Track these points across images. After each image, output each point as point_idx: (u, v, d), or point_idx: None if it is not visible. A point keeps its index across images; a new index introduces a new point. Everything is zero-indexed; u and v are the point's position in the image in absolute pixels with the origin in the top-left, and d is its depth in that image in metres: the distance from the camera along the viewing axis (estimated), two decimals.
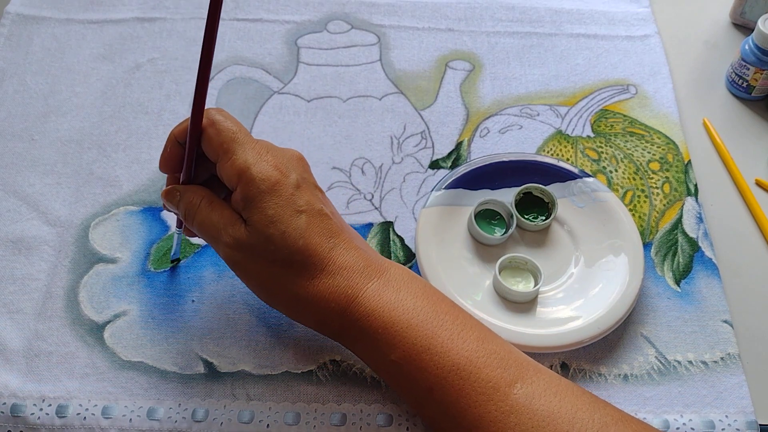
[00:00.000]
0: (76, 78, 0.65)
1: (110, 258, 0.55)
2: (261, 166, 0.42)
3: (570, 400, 0.40)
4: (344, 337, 0.43)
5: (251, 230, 0.42)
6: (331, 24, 0.70)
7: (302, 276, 0.42)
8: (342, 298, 0.42)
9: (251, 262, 0.42)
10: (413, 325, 0.41)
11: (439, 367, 0.40)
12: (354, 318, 0.42)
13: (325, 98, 0.65)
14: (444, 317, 0.42)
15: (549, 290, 0.53)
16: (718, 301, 0.53)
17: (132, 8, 0.70)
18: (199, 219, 0.44)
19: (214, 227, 0.43)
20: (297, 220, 0.41)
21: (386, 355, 0.41)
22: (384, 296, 0.42)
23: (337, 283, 0.42)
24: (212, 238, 0.44)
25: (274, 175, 0.42)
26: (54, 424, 0.47)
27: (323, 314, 0.42)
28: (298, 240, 0.41)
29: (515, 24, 0.71)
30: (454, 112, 0.64)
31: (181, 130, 0.45)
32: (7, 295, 0.53)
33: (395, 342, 0.41)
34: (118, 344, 0.51)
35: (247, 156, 0.42)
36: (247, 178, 0.41)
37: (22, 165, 0.59)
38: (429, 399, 0.40)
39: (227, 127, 0.43)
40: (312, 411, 0.48)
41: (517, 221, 0.55)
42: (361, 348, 0.43)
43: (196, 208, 0.44)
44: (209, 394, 0.49)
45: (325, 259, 0.42)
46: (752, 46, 0.63)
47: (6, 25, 0.68)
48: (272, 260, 0.42)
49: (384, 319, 0.41)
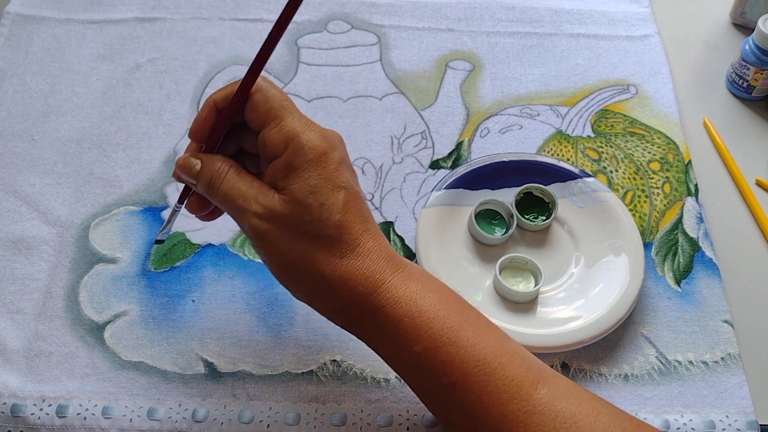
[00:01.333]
0: (76, 78, 0.65)
1: (110, 258, 0.55)
2: (309, 135, 0.40)
3: (591, 405, 0.39)
4: (361, 325, 0.41)
5: (288, 199, 0.40)
6: (331, 24, 0.70)
7: (331, 253, 0.40)
8: (369, 282, 0.40)
9: (280, 233, 0.40)
10: (440, 316, 0.40)
11: (464, 361, 0.39)
12: (378, 304, 0.40)
13: (325, 98, 0.65)
14: (468, 313, 0.41)
15: (549, 290, 0.53)
16: (719, 301, 0.53)
17: (132, 8, 0.70)
18: (226, 188, 0.41)
19: (243, 196, 0.41)
20: (336, 195, 0.40)
21: (409, 346, 0.39)
22: (410, 286, 0.40)
23: (366, 265, 0.40)
24: (238, 208, 0.41)
25: (322, 146, 0.40)
26: (54, 424, 0.47)
27: (345, 297, 0.40)
28: (335, 215, 0.40)
29: (515, 24, 0.71)
30: (455, 112, 0.64)
31: (223, 96, 0.42)
32: (7, 295, 0.53)
33: (420, 333, 0.39)
34: (118, 344, 0.51)
35: (295, 123, 0.41)
36: (296, 145, 0.40)
37: (22, 165, 0.59)
38: (450, 395, 0.39)
39: (275, 94, 0.42)
40: (312, 411, 0.48)
41: (517, 221, 0.55)
42: (379, 338, 0.41)
43: (223, 176, 0.42)
44: (209, 394, 0.49)
45: (356, 240, 0.40)
46: (752, 46, 0.63)
47: (6, 25, 0.68)
48: (303, 232, 0.40)
49: (410, 308, 0.40)
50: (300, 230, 0.40)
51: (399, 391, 0.49)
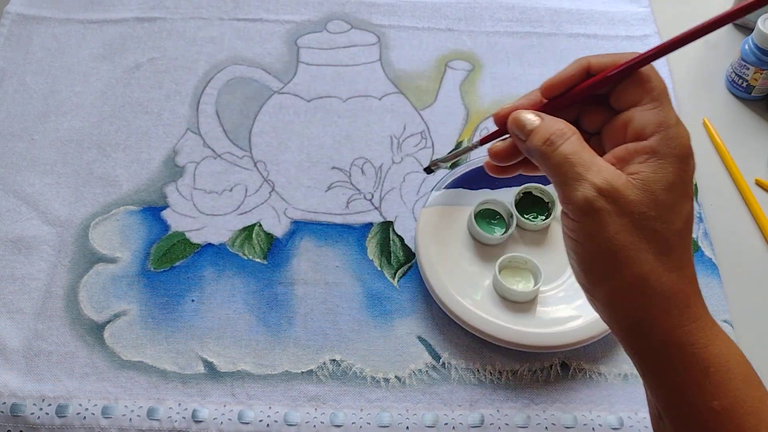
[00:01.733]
0: (76, 78, 0.65)
1: (110, 258, 0.55)
2: (683, 131, 0.37)
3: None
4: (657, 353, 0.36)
5: (638, 185, 0.35)
6: (331, 24, 0.70)
7: (661, 261, 0.35)
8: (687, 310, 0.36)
9: (615, 216, 0.35)
10: (748, 379, 0.35)
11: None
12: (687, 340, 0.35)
13: (325, 98, 0.65)
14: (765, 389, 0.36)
15: (549, 290, 0.53)
16: (718, 301, 0.53)
17: (132, 8, 0.70)
18: (567, 149, 0.37)
19: (584, 164, 0.36)
20: (686, 204, 0.36)
21: (707, 399, 0.35)
22: (721, 335, 0.36)
23: (688, 291, 0.36)
24: (575, 174, 0.36)
25: (690, 148, 0.37)
26: (54, 423, 0.47)
27: (655, 315, 0.36)
28: (680, 222, 0.36)
29: (515, 24, 0.71)
30: (454, 112, 0.64)
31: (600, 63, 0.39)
32: (7, 295, 0.53)
33: (725, 389, 0.34)
34: (118, 344, 0.51)
35: (671, 114, 0.37)
36: (670, 135, 0.36)
37: (22, 165, 0.59)
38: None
39: (660, 78, 0.39)
40: (312, 411, 0.48)
41: (516, 221, 0.55)
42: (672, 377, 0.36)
43: (566, 138, 0.37)
44: (209, 393, 0.49)
45: (687, 259, 0.36)
46: (752, 46, 0.63)
47: (6, 25, 0.68)
48: (642, 226, 0.35)
49: (720, 358, 0.35)
50: (640, 222, 0.35)
51: (399, 391, 0.49)
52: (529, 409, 0.49)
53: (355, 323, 0.52)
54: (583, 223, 0.36)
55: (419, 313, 0.53)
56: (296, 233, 0.56)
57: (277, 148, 0.61)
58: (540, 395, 0.49)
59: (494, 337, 0.49)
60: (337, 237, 0.56)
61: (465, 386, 0.50)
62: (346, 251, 0.55)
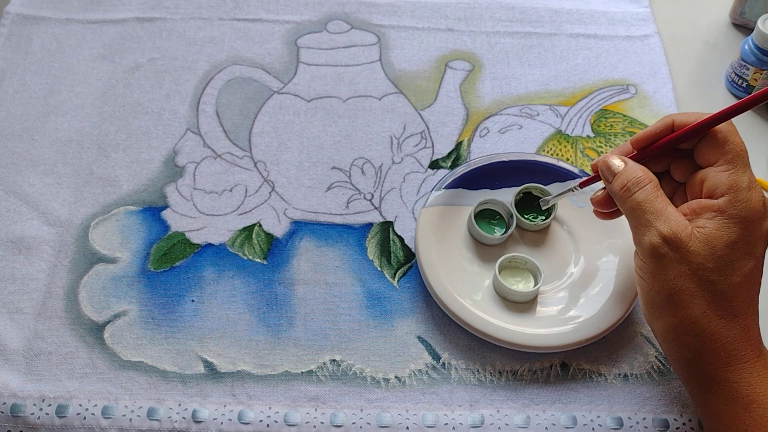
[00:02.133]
0: (76, 78, 0.65)
1: (110, 258, 0.55)
2: (755, 194, 0.40)
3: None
4: (704, 388, 0.41)
5: (702, 238, 0.40)
6: (331, 24, 0.70)
7: (713, 308, 0.40)
8: (732, 352, 0.40)
9: (676, 264, 0.40)
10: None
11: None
12: (730, 378, 0.40)
13: (325, 98, 0.65)
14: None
15: (549, 290, 0.53)
16: None
17: (132, 8, 0.70)
18: (641, 197, 0.41)
19: (656, 212, 0.41)
20: (748, 261, 0.40)
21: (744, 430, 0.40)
22: (755, 375, 0.40)
23: (737, 336, 0.40)
24: (645, 221, 0.41)
25: (760, 210, 0.40)
26: (54, 424, 0.47)
27: (702, 355, 0.41)
28: (737, 277, 0.40)
29: (515, 24, 0.71)
30: (454, 112, 0.64)
31: (683, 120, 0.43)
32: (7, 295, 0.53)
33: (762, 424, 0.39)
34: (118, 344, 0.51)
35: (745, 178, 0.41)
36: (740, 198, 0.40)
37: (22, 165, 0.59)
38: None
39: (738, 142, 0.42)
40: (312, 411, 0.48)
41: (517, 221, 0.55)
42: (717, 410, 0.41)
43: (642, 185, 0.42)
44: (209, 394, 0.49)
45: (741, 309, 0.40)
46: (752, 46, 0.63)
47: (6, 25, 0.68)
48: (699, 276, 0.40)
49: (757, 393, 0.39)
50: (697, 272, 0.40)
51: (399, 391, 0.49)
52: (529, 409, 0.49)
53: (355, 323, 0.52)
54: (648, 264, 0.41)
55: (419, 313, 0.53)
56: (296, 233, 0.56)
57: (277, 148, 0.61)
58: (540, 395, 0.49)
59: (494, 338, 0.49)
60: (337, 237, 0.56)
61: (465, 386, 0.50)
62: (346, 251, 0.55)
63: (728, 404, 0.40)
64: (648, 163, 0.45)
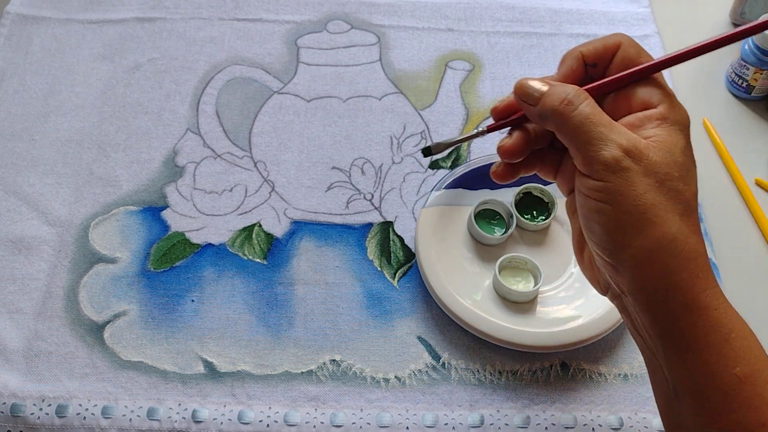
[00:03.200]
0: (76, 78, 0.65)
1: (110, 258, 0.55)
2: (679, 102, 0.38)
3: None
4: (678, 319, 0.36)
5: (658, 146, 0.36)
6: (331, 24, 0.70)
7: (685, 222, 0.35)
8: (708, 273, 0.36)
9: (643, 176, 0.35)
10: (761, 347, 0.36)
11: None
12: (710, 304, 0.35)
13: (325, 98, 0.65)
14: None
15: (549, 290, 0.53)
16: None
17: (132, 8, 0.70)
18: (586, 110, 0.37)
19: (608, 124, 0.36)
20: (695, 168, 0.37)
21: (730, 366, 0.34)
22: (729, 306, 0.36)
23: (704, 252, 0.36)
24: (598, 134, 0.36)
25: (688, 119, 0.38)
26: (54, 424, 0.47)
27: (681, 277, 0.35)
28: (694, 186, 0.36)
29: (515, 24, 0.71)
30: (454, 112, 0.64)
31: (596, 52, 0.39)
32: (7, 295, 0.53)
33: (746, 355, 0.35)
34: (118, 344, 0.51)
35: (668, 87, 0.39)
36: (674, 102, 0.38)
37: (22, 165, 0.59)
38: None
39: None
40: (312, 411, 0.48)
41: (516, 221, 0.55)
42: (695, 346, 0.35)
43: (583, 100, 0.37)
44: (209, 394, 0.49)
45: (698, 225, 0.36)
46: (752, 46, 0.63)
47: (6, 25, 0.68)
48: (667, 186, 0.35)
49: (739, 323, 0.35)
50: (664, 183, 0.36)
51: (399, 391, 0.49)
52: (529, 410, 0.49)
53: (355, 323, 0.52)
54: (611, 182, 0.36)
55: (419, 314, 0.53)
56: (296, 233, 0.56)
57: (277, 148, 0.61)
58: (540, 395, 0.49)
59: (494, 338, 0.49)
60: (337, 237, 0.56)
61: (465, 386, 0.50)
62: (346, 251, 0.55)
63: (708, 336, 0.35)
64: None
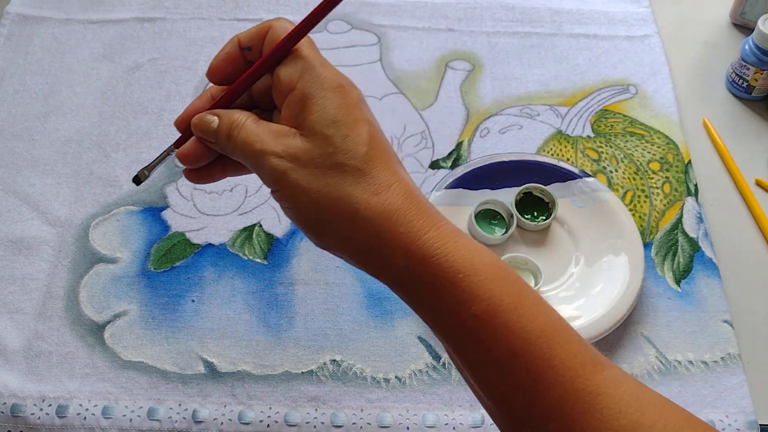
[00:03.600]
0: (76, 78, 0.65)
1: (110, 258, 0.55)
2: (327, 68, 0.37)
3: (652, 392, 0.35)
4: (405, 277, 0.36)
5: (308, 133, 0.36)
6: (331, 24, 0.70)
7: (363, 188, 0.36)
8: (413, 224, 0.35)
9: (303, 170, 0.36)
10: (499, 277, 0.35)
11: (527, 330, 0.34)
12: (427, 253, 0.35)
13: None
14: (523, 283, 0.36)
15: (549, 290, 0.53)
16: (718, 301, 0.53)
17: (132, 8, 0.70)
18: (244, 134, 0.37)
19: (261, 140, 0.37)
20: (361, 128, 0.36)
21: (466, 306, 0.34)
22: (460, 240, 0.35)
23: (406, 206, 0.35)
24: (257, 152, 0.37)
25: (340, 78, 0.37)
26: (54, 424, 0.47)
27: (386, 239, 0.35)
28: (361, 146, 0.36)
29: (515, 24, 0.71)
30: (454, 112, 0.64)
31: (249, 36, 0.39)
32: (7, 295, 0.53)
33: (478, 292, 0.34)
34: (118, 344, 0.51)
35: (312, 57, 0.38)
36: (312, 74, 0.37)
37: (22, 165, 0.59)
38: (508, 368, 0.34)
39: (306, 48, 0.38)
40: (312, 411, 0.48)
41: (517, 221, 0.55)
42: (428, 295, 0.35)
43: (241, 125, 0.38)
44: (209, 394, 0.49)
45: (391, 177, 0.36)
46: (752, 46, 0.63)
47: (6, 25, 0.68)
48: (329, 165, 0.36)
49: (465, 263, 0.34)
50: (325, 163, 0.36)
51: (399, 391, 0.49)
52: None
53: (355, 323, 0.52)
54: (282, 189, 0.37)
55: None
56: (296, 233, 0.56)
57: None
58: None
59: None
60: None
61: (465, 386, 0.49)
62: None
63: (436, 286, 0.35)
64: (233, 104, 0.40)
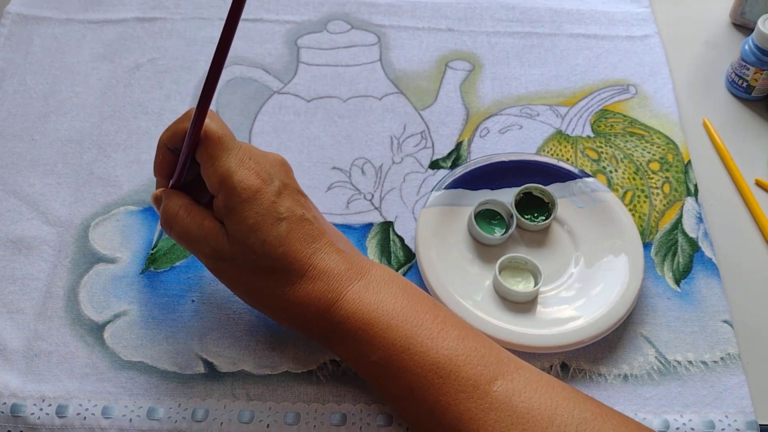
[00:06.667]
0: (76, 78, 0.65)
1: (110, 258, 0.55)
2: (242, 173, 0.42)
3: (550, 396, 0.40)
4: (328, 339, 0.44)
5: (232, 240, 0.42)
6: (331, 24, 0.70)
7: (283, 283, 0.42)
8: (322, 303, 0.42)
9: (235, 270, 0.43)
10: (392, 326, 0.41)
11: (420, 366, 0.40)
12: (335, 321, 0.42)
13: (325, 98, 0.65)
14: (424, 317, 0.42)
15: (549, 290, 0.53)
16: (718, 301, 0.53)
17: (132, 8, 0.70)
18: (177, 229, 0.44)
19: (194, 239, 0.43)
20: (277, 228, 0.42)
21: (367, 356, 0.42)
22: (364, 298, 0.42)
23: (317, 288, 0.42)
24: (192, 250, 0.45)
25: (255, 184, 0.42)
26: (54, 424, 0.47)
27: (305, 318, 0.43)
28: (278, 248, 0.42)
29: (515, 24, 0.71)
30: (454, 112, 0.64)
31: (170, 136, 0.45)
32: (7, 295, 0.53)
33: (375, 343, 0.41)
34: (118, 344, 0.51)
35: (229, 162, 0.42)
36: (228, 187, 0.41)
37: (22, 165, 0.59)
38: (408, 398, 0.41)
39: (213, 130, 0.43)
40: (312, 411, 0.48)
41: (517, 221, 0.55)
42: (343, 350, 0.44)
43: (174, 216, 0.44)
44: (209, 394, 0.49)
45: (305, 264, 0.42)
46: (752, 46, 0.63)
47: (6, 25, 0.68)
48: (253, 269, 0.42)
49: (363, 321, 0.41)
50: (250, 267, 0.42)
51: None
52: None
53: None
54: (220, 279, 0.45)
55: None
56: None
57: (277, 148, 0.61)
58: None
59: (494, 338, 0.49)
60: None
61: None
62: None
63: (343, 342, 0.43)
64: (185, 180, 0.46)
